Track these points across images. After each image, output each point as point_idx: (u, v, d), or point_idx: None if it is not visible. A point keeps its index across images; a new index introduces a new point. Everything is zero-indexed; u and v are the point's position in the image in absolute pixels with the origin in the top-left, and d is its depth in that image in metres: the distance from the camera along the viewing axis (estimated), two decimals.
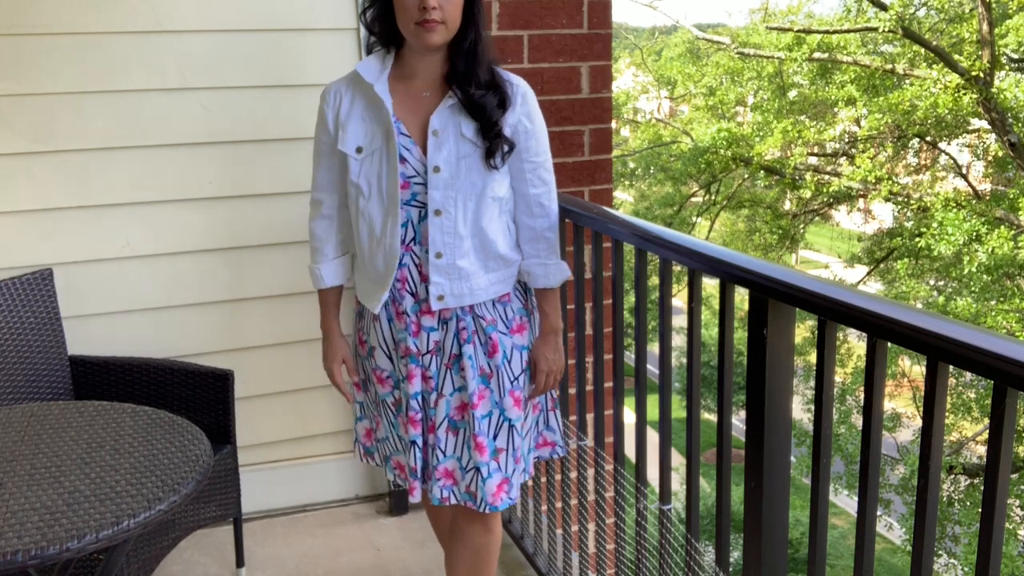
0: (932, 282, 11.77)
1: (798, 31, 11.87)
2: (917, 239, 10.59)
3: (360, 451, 2.19)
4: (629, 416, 2.29)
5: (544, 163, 1.96)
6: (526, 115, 1.90)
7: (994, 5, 10.30)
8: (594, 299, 2.24)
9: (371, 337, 2.00)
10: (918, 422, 8.31)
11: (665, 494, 1.98)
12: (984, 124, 11.19)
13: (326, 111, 1.91)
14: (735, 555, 2.10)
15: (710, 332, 12.08)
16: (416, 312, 1.92)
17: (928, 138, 12.06)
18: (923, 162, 13.75)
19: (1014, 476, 9.25)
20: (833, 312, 1.45)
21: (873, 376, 1.39)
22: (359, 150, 1.87)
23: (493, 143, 1.86)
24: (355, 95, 1.89)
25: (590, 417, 2.35)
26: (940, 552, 10.29)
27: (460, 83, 1.83)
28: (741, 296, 1.94)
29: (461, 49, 1.82)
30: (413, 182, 1.85)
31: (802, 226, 14.20)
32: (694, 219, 14.71)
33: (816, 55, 11.69)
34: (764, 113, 13.43)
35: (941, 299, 10.43)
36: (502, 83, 1.88)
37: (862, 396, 1.58)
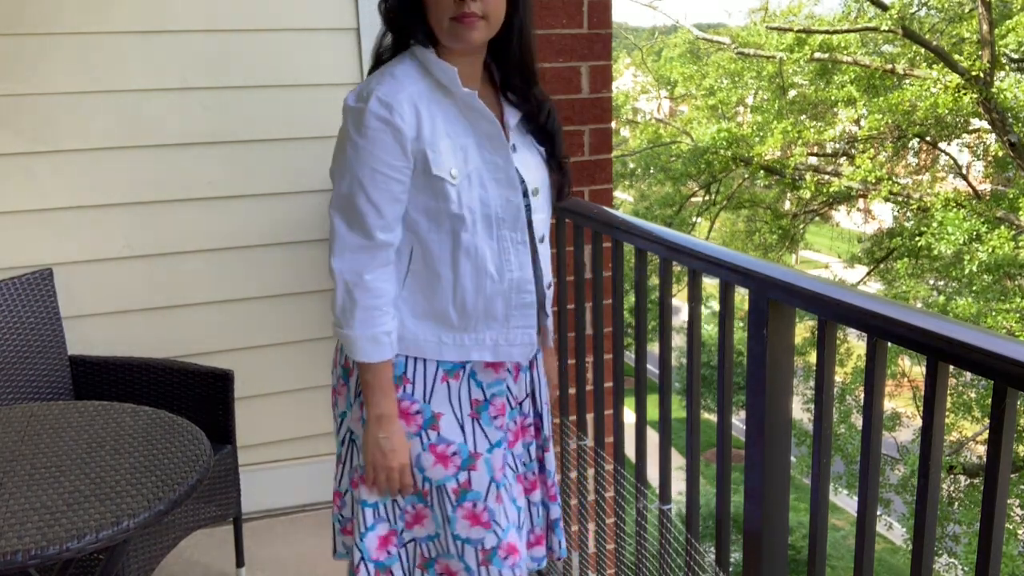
0: (932, 282, 11.78)
1: (798, 31, 11.88)
2: (917, 239, 10.60)
3: (369, 571, 1.68)
4: (629, 416, 2.29)
5: None
6: None
7: (994, 5, 10.30)
8: (594, 299, 2.24)
9: (435, 401, 1.63)
10: (918, 422, 8.30)
11: (665, 494, 1.98)
12: (984, 124, 11.19)
13: (401, 127, 1.48)
14: (735, 556, 2.09)
15: (710, 332, 12.07)
16: None
17: (928, 138, 12.06)
18: (923, 162, 13.75)
19: (1014, 476, 9.25)
20: (833, 312, 1.45)
21: (873, 376, 1.39)
22: (452, 174, 1.53)
23: (564, 177, 1.69)
24: (432, 104, 1.52)
25: (590, 417, 2.35)
26: (940, 552, 10.29)
27: (518, 95, 1.62)
28: (741, 296, 1.94)
29: (508, 51, 1.58)
30: None
31: (802, 226, 14.20)
32: (694, 219, 14.70)
33: (816, 55, 11.70)
34: (764, 113, 13.43)
35: (941, 299, 10.44)
36: (548, 95, 1.68)
37: (862, 396, 1.59)
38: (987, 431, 1.23)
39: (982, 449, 11.31)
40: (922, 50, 11.23)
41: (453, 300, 1.57)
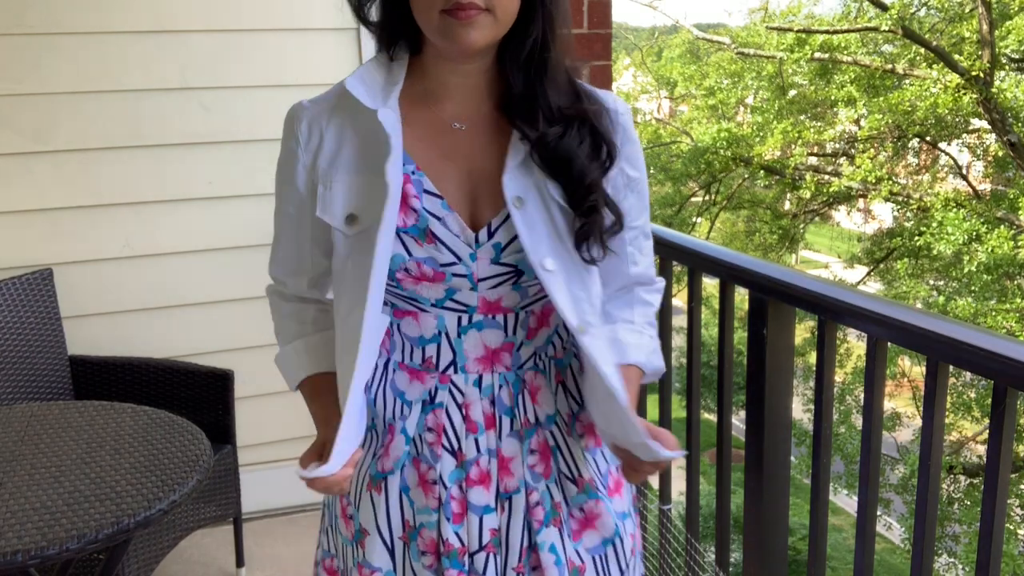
0: (932, 282, 11.79)
1: (798, 31, 11.89)
2: (917, 239, 10.61)
3: None
4: None
5: (646, 224, 1.24)
6: (628, 159, 1.17)
7: (994, 5, 10.31)
8: None
9: (362, 513, 1.21)
10: (918, 422, 8.30)
11: (665, 494, 1.98)
12: (984, 124, 11.20)
13: (296, 150, 1.18)
14: (735, 556, 2.09)
15: (710, 332, 12.09)
16: (459, 481, 1.16)
17: (928, 138, 12.07)
18: (923, 162, 13.76)
19: (1014, 476, 9.26)
20: (833, 312, 1.45)
21: (873, 376, 1.39)
22: (352, 219, 1.11)
23: (588, 220, 1.10)
24: (345, 127, 1.14)
25: None
26: (940, 552, 10.29)
27: (525, 115, 1.10)
28: (741, 296, 1.94)
29: (518, 55, 1.09)
30: (450, 271, 1.10)
31: (802, 226, 14.22)
32: (694, 219, 14.72)
33: (816, 55, 11.71)
34: (764, 113, 13.45)
35: (941, 299, 10.44)
36: (594, 110, 1.12)
37: (862, 396, 1.59)
38: (987, 431, 1.24)
39: (982, 449, 11.31)
40: (922, 50, 11.23)
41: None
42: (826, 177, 12.30)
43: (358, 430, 1.12)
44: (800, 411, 11.62)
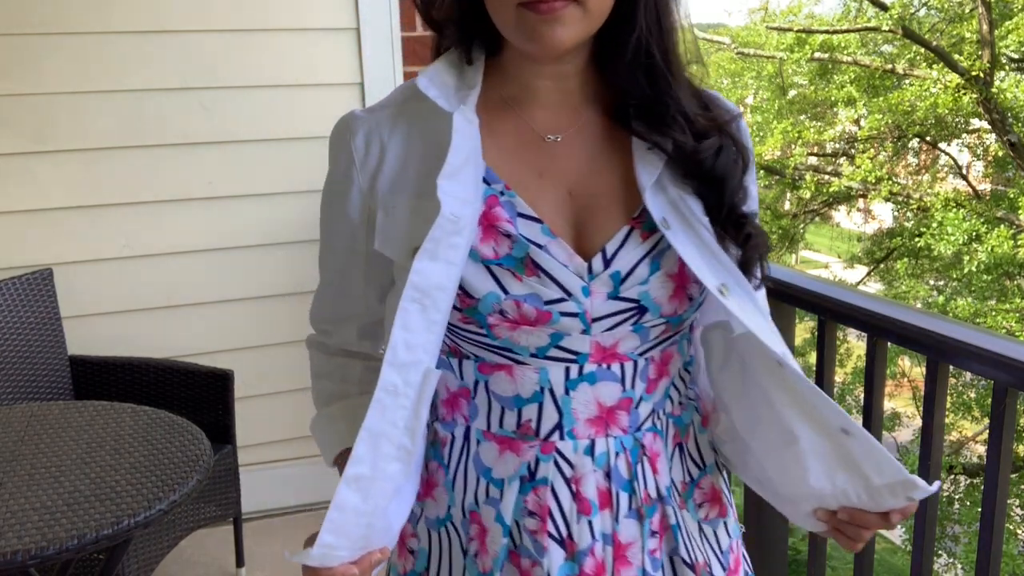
0: (932, 282, 11.80)
1: (798, 31, 11.89)
2: (917, 239, 10.62)
3: None
4: None
5: None
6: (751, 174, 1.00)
7: (994, 5, 10.31)
8: None
9: None
10: (918, 422, 8.31)
11: None
12: (984, 124, 11.20)
13: (350, 170, 0.95)
14: None
15: None
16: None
17: (928, 138, 12.07)
18: (923, 162, 13.77)
19: (1014, 476, 9.27)
20: (833, 312, 1.46)
21: (873, 376, 1.39)
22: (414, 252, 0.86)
23: (749, 245, 0.93)
24: (412, 139, 0.93)
25: None
26: (940, 552, 10.30)
27: (653, 124, 0.91)
28: None
29: (630, 53, 0.90)
30: (558, 310, 0.88)
31: (802, 226, 14.21)
32: None
33: (816, 55, 11.72)
34: (764, 113, 13.45)
35: (941, 299, 10.45)
36: (725, 118, 0.97)
37: (862, 396, 1.60)
38: (987, 431, 1.24)
39: (982, 449, 11.32)
40: (922, 50, 11.23)
41: None
42: (826, 177, 12.30)
43: (379, 524, 0.90)
44: None
